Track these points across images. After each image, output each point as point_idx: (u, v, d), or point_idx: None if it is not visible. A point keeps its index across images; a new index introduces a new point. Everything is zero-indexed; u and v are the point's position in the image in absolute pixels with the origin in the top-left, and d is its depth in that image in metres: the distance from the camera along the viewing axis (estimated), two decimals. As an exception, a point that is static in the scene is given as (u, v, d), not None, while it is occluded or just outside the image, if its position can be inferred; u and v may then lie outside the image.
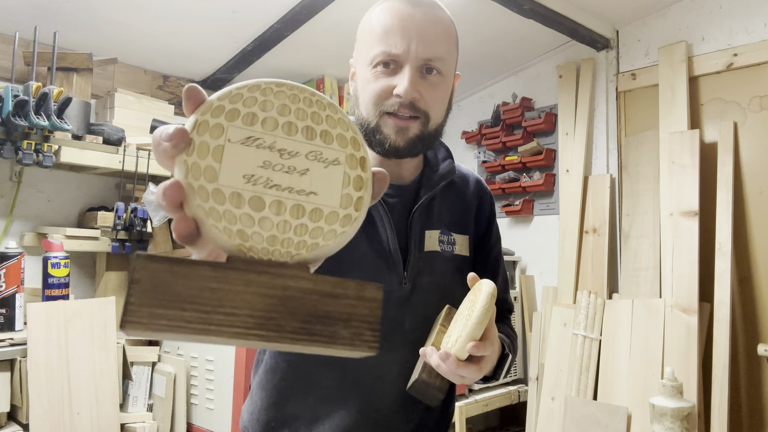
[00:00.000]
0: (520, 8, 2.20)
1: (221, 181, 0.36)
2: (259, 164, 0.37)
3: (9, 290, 1.79)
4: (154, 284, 0.33)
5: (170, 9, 2.10)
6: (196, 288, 0.34)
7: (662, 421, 1.82)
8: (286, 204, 0.38)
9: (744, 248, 2.23)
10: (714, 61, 2.35)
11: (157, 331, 0.33)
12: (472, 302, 0.72)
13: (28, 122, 1.81)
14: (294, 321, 0.36)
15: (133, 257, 0.34)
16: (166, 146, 0.36)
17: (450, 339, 0.72)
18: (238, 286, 0.35)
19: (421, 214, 0.88)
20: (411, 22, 0.80)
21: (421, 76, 0.81)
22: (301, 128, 0.39)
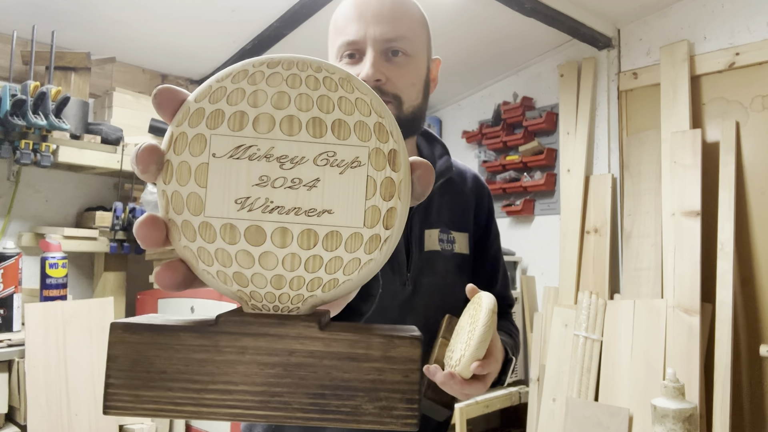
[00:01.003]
0: (521, 7, 2.19)
1: (208, 212, 0.29)
2: (255, 182, 0.29)
3: (7, 291, 1.78)
4: (134, 361, 0.29)
5: (169, 8, 2.09)
6: (182, 361, 0.29)
7: (664, 422, 1.81)
8: (293, 231, 0.29)
9: (746, 248, 2.22)
10: (716, 61, 2.33)
11: (145, 414, 0.29)
12: (473, 317, 0.72)
13: (25, 122, 1.80)
14: (303, 396, 0.29)
15: (110, 327, 0.29)
16: (138, 171, 0.29)
17: (453, 356, 0.72)
18: (230, 356, 0.29)
19: (420, 213, 0.87)
20: (366, 8, 0.79)
21: (385, 59, 0.79)
22: (306, 122, 0.29)
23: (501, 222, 2.96)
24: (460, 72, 2.94)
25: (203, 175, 0.29)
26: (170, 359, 0.28)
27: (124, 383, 0.28)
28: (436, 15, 2.32)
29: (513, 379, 2.68)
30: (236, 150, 0.29)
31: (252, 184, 0.29)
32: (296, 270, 0.29)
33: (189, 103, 0.30)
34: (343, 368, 0.29)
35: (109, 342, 0.29)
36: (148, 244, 0.29)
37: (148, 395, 0.28)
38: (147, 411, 0.28)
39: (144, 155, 0.28)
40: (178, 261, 0.30)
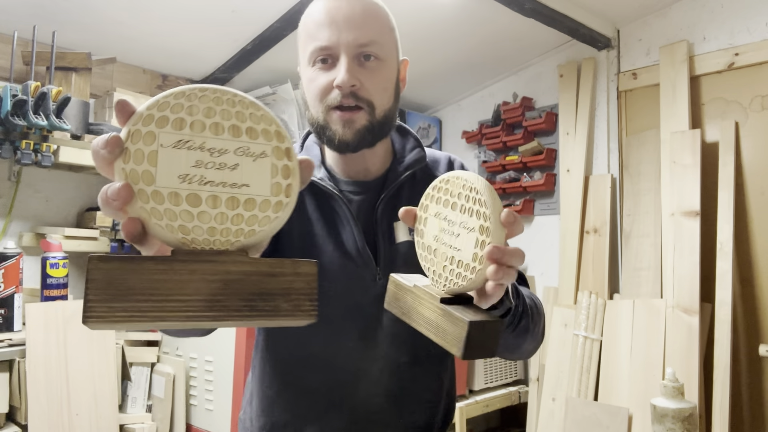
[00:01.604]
0: (520, 7, 2.19)
1: (159, 183, 0.40)
2: (192, 164, 0.41)
3: (7, 291, 1.78)
4: (108, 281, 0.38)
5: (169, 8, 2.09)
6: (146, 281, 0.39)
7: (663, 421, 1.81)
8: (221, 197, 0.42)
9: (745, 248, 2.22)
10: (715, 61, 2.34)
11: (117, 322, 0.38)
12: (449, 204, 0.61)
13: (26, 122, 1.81)
14: (238, 300, 0.41)
15: (87, 259, 0.38)
16: (104, 153, 0.39)
17: (460, 255, 0.59)
18: (184, 276, 0.40)
19: (387, 206, 0.87)
20: (337, 13, 0.80)
21: (358, 64, 0.81)
22: (228, 127, 0.43)
23: (501, 222, 2.96)
24: (460, 72, 2.94)
25: (154, 158, 0.40)
26: (138, 279, 0.38)
27: (99, 298, 0.37)
28: (436, 15, 2.32)
29: (512, 378, 2.69)
30: (178, 143, 0.41)
31: (190, 166, 0.41)
32: (225, 224, 0.42)
33: (142, 110, 0.41)
34: (266, 281, 0.42)
35: (87, 269, 0.38)
36: (122, 202, 0.39)
37: (120, 305, 0.38)
38: (119, 318, 0.37)
39: (114, 140, 0.39)
40: (136, 219, 0.40)
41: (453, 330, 0.56)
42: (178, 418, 1.96)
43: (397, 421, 0.87)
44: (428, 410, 0.91)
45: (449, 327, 0.57)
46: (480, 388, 2.50)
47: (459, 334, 0.55)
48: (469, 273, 0.56)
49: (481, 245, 0.55)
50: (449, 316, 0.57)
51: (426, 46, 2.59)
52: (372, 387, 0.86)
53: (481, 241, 0.55)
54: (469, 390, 2.50)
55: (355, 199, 0.88)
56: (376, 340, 0.86)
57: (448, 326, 0.57)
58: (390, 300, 0.68)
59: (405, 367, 0.87)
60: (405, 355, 0.87)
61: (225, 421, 1.86)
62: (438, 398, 0.93)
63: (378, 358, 0.86)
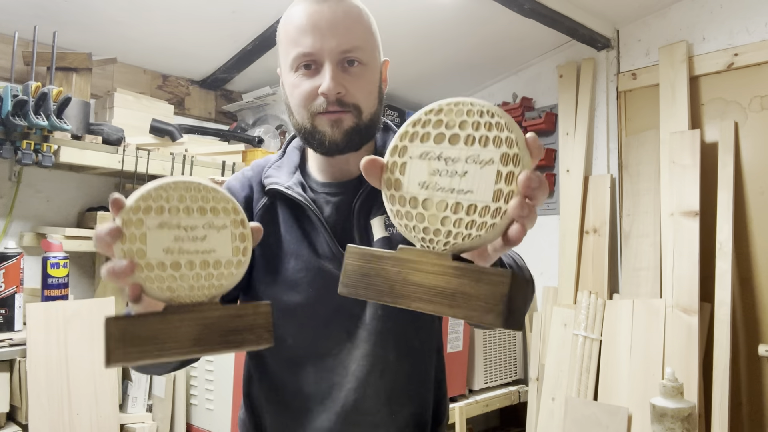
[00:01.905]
0: (520, 8, 2.20)
1: (149, 256, 0.52)
2: (172, 239, 0.53)
3: (8, 290, 1.79)
4: (122, 333, 0.50)
5: (170, 9, 2.10)
6: (150, 330, 0.51)
7: (663, 421, 1.82)
8: (196, 262, 0.54)
9: (745, 248, 2.23)
10: (715, 61, 2.34)
11: (130, 361, 0.50)
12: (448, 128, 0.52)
13: (27, 122, 1.81)
14: (217, 337, 0.54)
15: (105, 320, 0.50)
16: (107, 239, 0.50)
17: (471, 198, 0.49)
18: (176, 324, 0.52)
19: (364, 204, 0.87)
20: (320, 19, 0.80)
21: (342, 70, 0.81)
22: (196, 209, 0.54)
23: (500, 222, 2.96)
24: (460, 72, 2.94)
25: (144, 239, 0.52)
26: (143, 330, 0.52)
27: (117, 347, 0.51)
28: (436, 15, 2.32)
29: (512, 378, 2.69)
30: (160, 224, 0.53)
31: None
32: (200, 281, 0.54)
33: (131, 204, 0.52)
34: (234, 321, 0.55)
35: (105, 326, 0.51)
36: (124, 278, 0.51)
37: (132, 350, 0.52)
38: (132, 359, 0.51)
39: (116, 230, 0.52)
40: (137, 285, 0.53)
41: (484, 291, 0.46)
42: (179, 417, 1.96)
43: (390, 419, 0.87)
44: (419, 406, 0.91)
45: (476, 289, 0.47)
46: (480, 387, 2.51)
47: (496, 294, 0.46)
48: (490, 217, 0.47)
49: (507, 179, 0.46)
50: (475, 275, 0.47)
51: (426, 46, 2.59)
52: (362, 387, 0.85)
53: (506, 173, 0.47)
54: (468, 390, 2.50)
55: (333, 200, 0.88)
56: (362, 340, 0.86)
57: (474, 288, 0.47)
58: (353, 279, 0.54)
59: (393, 365, 0.87)
60: (391, 351, 0.86)
61: (225, 420, 1.87)
62: (427, 393, 0.92)
63: (365, 357, 0.86)
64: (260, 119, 2.78)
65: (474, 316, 0.46)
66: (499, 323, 0.45)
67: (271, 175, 0.91)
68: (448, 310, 0.48)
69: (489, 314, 0.46)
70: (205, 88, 2.74)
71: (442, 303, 0.49)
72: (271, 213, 0.90)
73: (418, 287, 0.50)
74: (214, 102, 2.79)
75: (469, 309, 0.47)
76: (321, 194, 0.89)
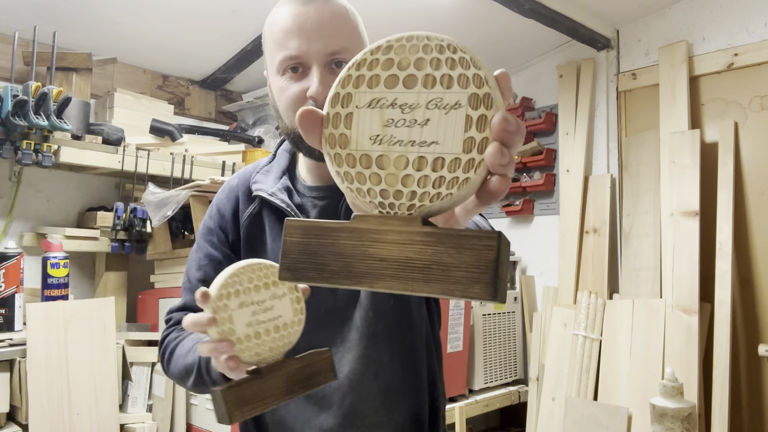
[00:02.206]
0: (520, 8, 2.20)
1: (237, 333, 0.61)
2: (250, 315, 0.63)
3: (8, 290, 1.79)
4: (235, 399, 0.61)
5: (170, 8, 2.10)
6: (254, 391, 0.63)
7: (663, 421, 1.82)
8: (270, 328, 0.65)
9: (745, 248, 2.23)
10: (714, 61, 2.34)
11: (245, 417, 0.60)
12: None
13: (27, 122, 1.81)
14: (299, 384, 0.67)
15: (219, 392, 0.60)
16: (204, 326, 0.60)
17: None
18: (270, 382, 0.65)
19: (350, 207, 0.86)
20: (306, 21, 0.78)
21: (330, 72, 0.79)
22: (261, 285, 0.65)
23: (500, 222, 2.97)
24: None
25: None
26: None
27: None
28: (436, 15, 2.32)
29: (512, 378, 2.69)
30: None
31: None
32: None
33: (214, 296, 0.57)
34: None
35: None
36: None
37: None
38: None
39: (210, 320, 0.60)
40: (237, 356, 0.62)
41: (467, 259, 0.38)
42: (179, 417, 1.96)
43: (387, 418, 0.88)
44: (415, 405, 0.91)
45: (456, 257, 0.38)
46: (480, 387, 2.51)
47: (481, 261, 0.37)
48: (462, 171, 0.39)
49: (479, 124, 0.39)
50: (453, 240, 0.38)
51: (426, 47, 2.59)
52: (358, 390, 0.86)
53: (477, 117, 0.39)
54: (468, 390, 2.50)
55: (321, 204, 0.88)
56: (353, 343, 0.86)
57: (454, 256, 0.38)
58: (296, 260, 0.43)
59: (386, 366, 0.87)
60: (384, 352, 0.87)
61: (225, 420, 1.87)
62: (422, 391, 0.92)
63: (358, 360, 0.86)
64: (260, 119, 2.78)
65: (456, 290, 0.38)
66: (488, 295, 0.37)
67: (257, 181, 0.90)
68: (422, 286, 0.39)
69: (475, 286, 0.37)
70: (205, 88, 2.74)
71: (414, 279, 0.39)
72: (258, 220, 0.89)
73: (383, 262, 0.40)
74: (214, 102, 2.79)
75: (449, 282, 0.38)
76: (308, 198, 0.89)
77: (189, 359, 0.78)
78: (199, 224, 1.98)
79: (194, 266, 0.91)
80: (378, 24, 0.89)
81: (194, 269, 0.91)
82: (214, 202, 0.95)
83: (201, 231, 0.94)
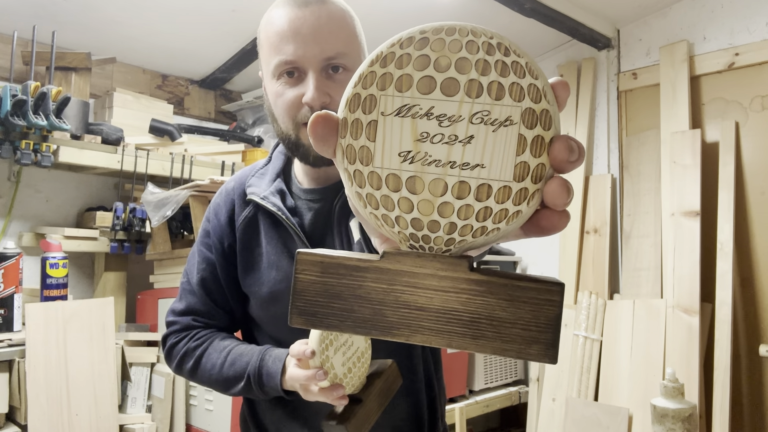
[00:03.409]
0: (520, 7, 2.19)
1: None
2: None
3: (7, 291, 1.78)
4: (356, 427, 0.76)
5: (169, 8, 2.09)
6: (364, 416, 0.78)
7: (663, 422, 1.81)
8: (355, 360, 0.79)
9: (746, 249, 2.22)
10: (715, 61, 2.34)
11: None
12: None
13: (26, 122, 1.80)
14: (385, 398, 0.84)
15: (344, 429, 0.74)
16: (319, 380, 0.73)
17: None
18: (370, 405, 0.81)
19: (344, 207, 0.86)
20: (302, 25, 0.77)
21: (327, 77, 0.78)
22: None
23: (501, 222, 2.96)
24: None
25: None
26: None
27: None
28: (436, 15, 2.32)
29: (513, 379, 2.69)
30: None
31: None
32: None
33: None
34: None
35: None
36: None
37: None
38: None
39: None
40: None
41: (524, 314, 0.33)
42: (178, 418, 1.96)
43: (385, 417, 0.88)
44: (414, 404, 0.91)
45: (512, 312, 0.33)
46: (480, 388, 2.50)
47: (541, 317, 0.33)
48: (512, 203, 0.33)
49: (534, 145, 0.32)
50: (507, 290, 0.33)
51: (426, 46, 2.59)
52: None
53: (532, 138, 0.32)
54: (469, 390, 2.49)
55: (315, 207, 0.88)
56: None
57: (509, 310, 0.33)
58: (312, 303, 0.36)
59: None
60: (381, 351, 0.87)
61: (225, 421, 1.86)
62: (420, 390, 0.92)
63: None
64: (260, 119, 2.78)
65: (510, 350, 0.33)
66: (547, 357, 0.32)
67: (252, 185, 0.90)
68: (470, 343, 0.33)
69: (533, 346, 0.32)
70: (205, 87, 2.74)
71: (459, 334, 0.33)
72: (253, 224, 0.89)
73: (421, 312, 0.34)
74: (213, 102, 2.78)
75: (501, 340, 0.33)
76: (303, 200, 0.89)
77: (230, 373, 0.85)
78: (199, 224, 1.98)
79: (194, 269, 0.92)
80: (376, 24, 0.89)
81: (194, 272, 0.92)
82: (211, 206, 0.95)
83: (200, 233, 0.95)
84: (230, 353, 0.85)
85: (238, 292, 0.91)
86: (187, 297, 0.92)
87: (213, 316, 0.92)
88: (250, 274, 0.89)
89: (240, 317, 0.94)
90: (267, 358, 0.81)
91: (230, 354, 0.85)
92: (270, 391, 0.81)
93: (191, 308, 0.91)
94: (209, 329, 0.92)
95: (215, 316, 0.92)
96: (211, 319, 0.92)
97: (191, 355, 0.88)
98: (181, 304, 0.92)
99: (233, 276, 0.91)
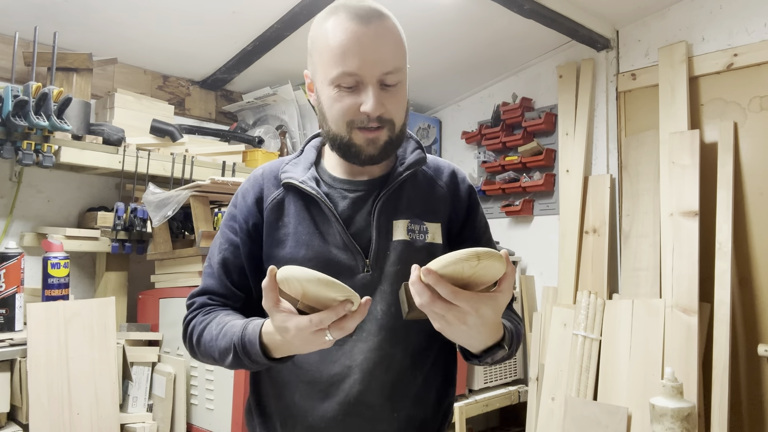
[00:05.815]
0: (520, 8, 2.20)
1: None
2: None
3: (9, 290, 1.79)
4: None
5: (170, 10, 2.10)
6: None
7: (662, 421, 1.82)
8: None
9: (744, 248, 2.23)
10: (714, 62, 2.35)
11: None
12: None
13: (28, 122, 1.81)
14: None
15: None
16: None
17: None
18: None
19: (386, 203, 0.92)
20: (364, 39, 0.83)
21: (382, 89, 0.85)
22: None
23: (500, 222, 2.97)
24: (460, 73, 2.95)
25: None
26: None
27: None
28: (436, 15, 2.33)
29: (512, 378, 2.69)
30: None
31: None
32: None
33: None
34: None
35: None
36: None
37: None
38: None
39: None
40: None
41: None
42: (179, 417, 1.96)
43: (391, 416, 0.89)
44: (422, 407, 0.93)
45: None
46: (479, 387, 2.51)
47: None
48: None
49: None
50: None
51: (426, 47, 2.60)
52: (367, 380, 0.88)
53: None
54: (468, 389, 2.50)
55: (351, 196, 0.93)
56: (370, 333, 0.88)
57: None
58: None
59: (398, 362, 0.89)
60: (398, 349, 0.89)
61: (225, 420, 1.87)
62: (430, 394, 0.94)
63: (372, 351, 0.88)
64: (260, 119, 2.78)
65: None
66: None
67: (287, 171, 0.96)
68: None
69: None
70: (206, 88, 2.75)
71: None
72: (281, 205, 0.94)
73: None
74: (214, 102, 2.79)
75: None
76: (337, 189, 0.94)
77: (222, 344, 0.84)
78: (200, 224, 1.99)
79: (216, 250, 0.97)
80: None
81: (216, 253, 0.97)
82: (238, 191, 1.01)
83: (224, 218, 1.00)
84: (225, 325, 0.87)
85: (258, 272, 0.94)
86: (206, 280, 0.96)
87: (229, 297, 0.95)
88: (275, 250, 0.92)
89: (256, 298, 0.96)
90: (248, 326, 0.82)
91: (225, 326, 0.86)
92: (255, 357, 0.80)
93: (208, 288, 0.95)
94: (224, 307, 0.94)
95: (231, 297, 0.95)
96: (227, 300, 0.95)
97: (197, 330, 0.91)
98: (200, 287, 0.97)
99: (256, 255, 0.94)
